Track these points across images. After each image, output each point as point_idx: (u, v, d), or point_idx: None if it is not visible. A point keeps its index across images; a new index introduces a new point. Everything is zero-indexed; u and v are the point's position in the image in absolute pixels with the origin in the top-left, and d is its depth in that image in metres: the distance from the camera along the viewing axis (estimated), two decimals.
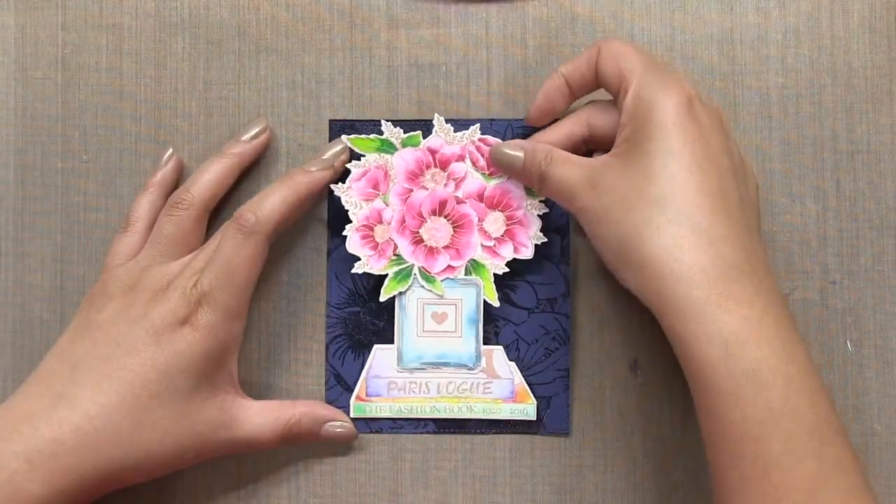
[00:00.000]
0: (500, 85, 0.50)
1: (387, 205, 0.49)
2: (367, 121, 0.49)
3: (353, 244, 0.49)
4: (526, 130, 0.49)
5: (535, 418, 0.48)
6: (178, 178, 0.49)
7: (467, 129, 0.49)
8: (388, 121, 0.49)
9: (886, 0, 0.50)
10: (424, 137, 0.49)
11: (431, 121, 0.49)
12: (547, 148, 0.46)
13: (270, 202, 0.45)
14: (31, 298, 0.50)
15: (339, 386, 0.49)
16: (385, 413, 0.48)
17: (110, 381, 0.42)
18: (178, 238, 0.46)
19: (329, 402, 0.49)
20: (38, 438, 0.41)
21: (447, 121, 0.49)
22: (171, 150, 0.49)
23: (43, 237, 0.50)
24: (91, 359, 0.43)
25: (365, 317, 0.49)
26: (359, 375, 0.49)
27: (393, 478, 0.49)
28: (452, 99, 0.50)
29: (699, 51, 0.50)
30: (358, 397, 0.49)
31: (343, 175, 0.49)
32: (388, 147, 0.49)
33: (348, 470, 0.49)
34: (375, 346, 0.49)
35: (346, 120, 0.49)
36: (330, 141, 0.49)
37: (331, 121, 0.50)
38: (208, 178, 0.47)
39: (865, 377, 0.49)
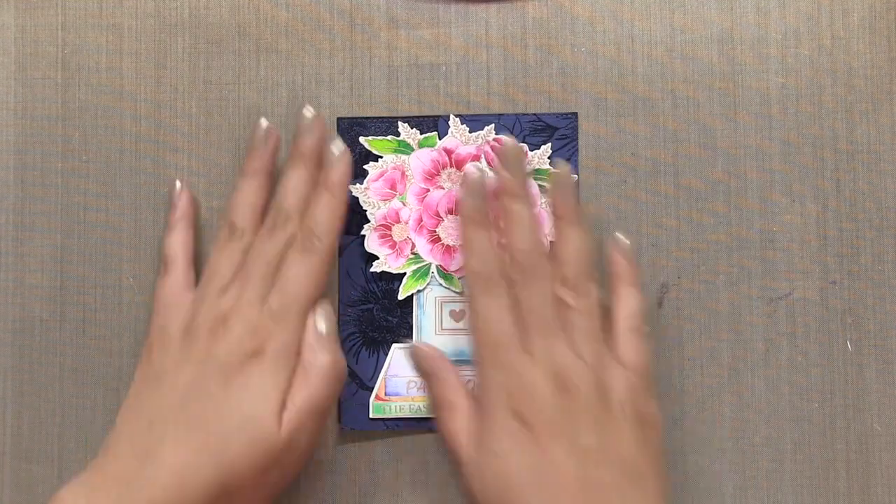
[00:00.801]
0: (500, 85, 0.50)
1: (404, 204, 0.49)
2: (375, 118, 0.49)
3: (372, 243, 0.49)
4: (536, 124, 0.49)
5: None
6: (196, 207, 0.49)
7: (482, 129, 0.49)
8: (403, 121, 0.49)
9: (886, 0, 0.50)
10: (440, 137, 0.49)
11: (443, 117, 0.49)
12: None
13: (324, 216, 0.45)
14: (31, 298, 0.50)
15: (354, 383, 0.49)
16: (405, 413, 0.48)
17: (188, 430, 0.42)
18: (229, 271, 0.45)
19: (344, 399, 0.49)
20: (133, 500, 0.41)
21: (462, 121, 0.49)
22: (178, 184, 0.48)
23: (43, 237, 0.50)
24: (165, 410, 0.42)
25: (378, 314, 0.49)
26: (373, 372, 0.49)
27: (393, 478, 0.49)
28: (452, 99, 0.50)
29: (699, 51, 0.50)
30: (377, 397, 0.49)
31: (361, 176, 0.49)
32: (404, 148, 0.49)
33: (348, 470, 0.49)
34: (394, 346, 0.49)
35: (355, 117, 0.50)
36: (338, 136, 0.49)
37: (339, 118, 0.50)
38: (247, 201, 0.47)
39: (865, 377, 0.49)
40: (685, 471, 0.49)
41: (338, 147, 0.47)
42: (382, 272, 0.49)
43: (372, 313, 0.49)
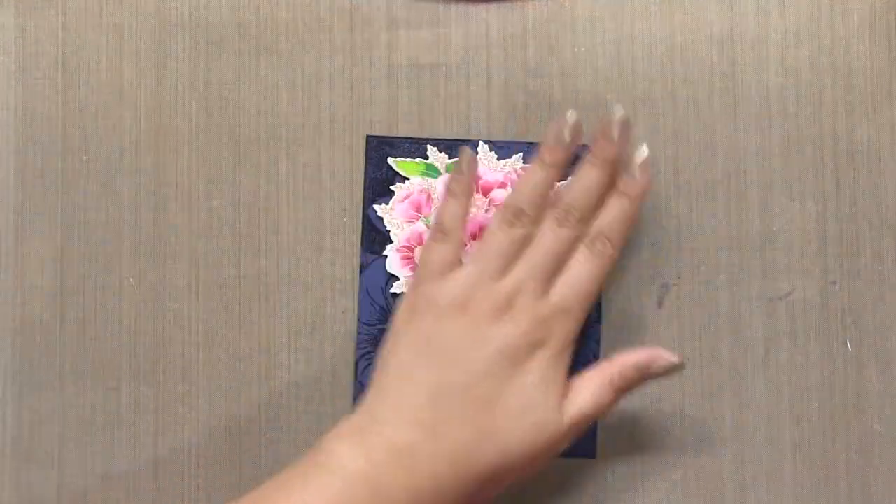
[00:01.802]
0: (500, 85, 0.50)
1: (428, 227, 0.49)
2: (404, 138, 0.49)
3: (394, 264, 0.49)
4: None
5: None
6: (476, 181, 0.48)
7: (510, 156, 0.49)
8: (432, 144, 0.49)
9: (886, 0, 0.50)
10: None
11: (472, 142, 0.49)
12: None
13: (619, 223, 0.45)
14: (31, 298, 0.50)
15: None
16: None
17: (475, 411, 0.43)
18: (512, 255, 0.45)
19: None
20: (419, 474, 0.42)
21: (491, 148, 0.49)
22: (469, 151, 0.47)
23: (43, 237, 0.50)
24: (448, 388, 0.43)
25: None
26: None
27: None
28: (452, 99, 0.50)
29: (699, 51, 0.50)
30: None
31: (387, 196, 0.49)
32: (432, 171, 0.49)
33: None
34: None
35: (384, 136, 0.49)
36: (366, 155, 0.49)
37: (368, 136, 0.50)
38: (538, 190, 0.46)
39: (865, 377, 0.49)
40: (685, 471, 0.49)
41: (641, 154, 0.46)
42: (402, 293, 0.49)
43: None
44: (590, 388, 0.44)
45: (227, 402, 0.49)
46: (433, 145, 0.49)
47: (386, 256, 0.49)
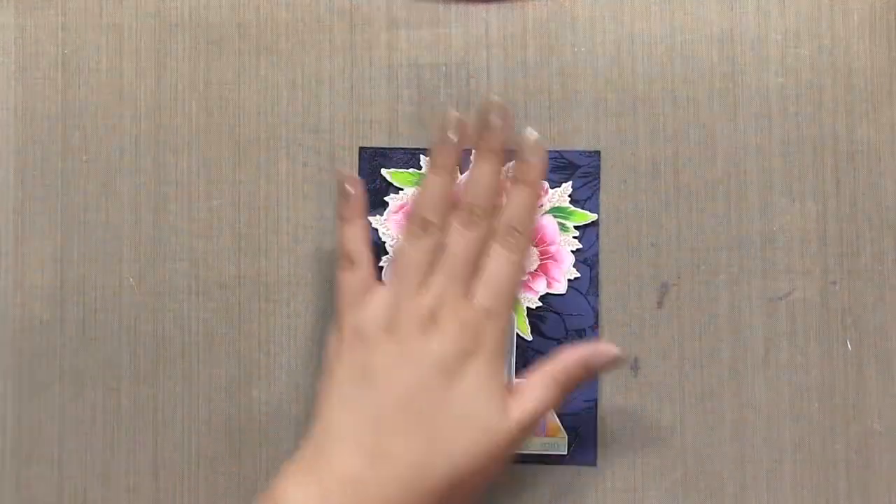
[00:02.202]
0: (500, 85, 0.50)
1: None
2: (398, 149, 0.49)
3: (389, 275, 0.49)
4: (558, 161, 0.49)
5: (565, 453, 0.48)
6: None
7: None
8: (426, 154, 0.49)
9: (886, 0, 0.50)
10: (461, 172, 0.49)
11: (465, 151, 0.49)
12: None
13: (523, 212, 0.45)
14: (31, 298, 0.50)
15: None
16: None
17: (417, 428, 0.42)
18: (426, 267, 0.45)
19: None
20: (369, 499, 0.41)
21: None
22: (349, 172, 0.48)
23: (43, 237, 0.50)
24: (388, 409, 0.42)
25: None
26: None
27: None
28: (452, 99, 0.50)
29: (699, 51, 0.50)
30: None
31: (381, 207, 0.49)
32: None
33: None
34: None
35: (377, 148, 0.49)
36: (360, 168, 0.49)
37: (361, 148, 0.50)
38: (437, 196, 0.45)
39: (865, 377, 0.49)
40: (685, 470, 0.49)
41: (530, 136, 0.45)
42: None
43: None
44: (534, 388, 0.44)
45: (227, 402, 0.49)
46: (427, 156, 0.49)
47: (381, 267, 0.49)
